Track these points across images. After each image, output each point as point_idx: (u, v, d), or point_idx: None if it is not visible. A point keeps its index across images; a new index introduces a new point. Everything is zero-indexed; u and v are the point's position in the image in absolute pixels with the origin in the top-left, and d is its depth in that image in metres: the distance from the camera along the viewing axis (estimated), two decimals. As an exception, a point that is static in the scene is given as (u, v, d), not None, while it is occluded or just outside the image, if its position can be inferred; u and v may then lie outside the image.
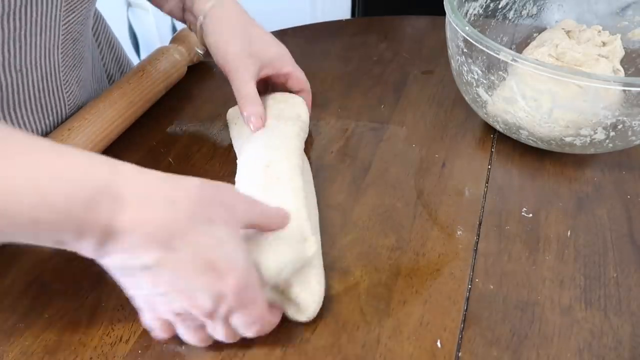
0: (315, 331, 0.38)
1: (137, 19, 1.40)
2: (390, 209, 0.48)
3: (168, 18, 1.36)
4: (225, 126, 0.58)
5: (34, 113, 0.50)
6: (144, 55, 1.43)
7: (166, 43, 0.67)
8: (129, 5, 1.37)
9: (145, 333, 0.38)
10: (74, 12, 0.49)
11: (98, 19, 0.65)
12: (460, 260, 0.43)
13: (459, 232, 0.46)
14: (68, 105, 0.53)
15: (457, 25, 0.50)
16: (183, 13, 0.57)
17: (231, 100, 0.63)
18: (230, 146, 0.55)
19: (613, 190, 0.50)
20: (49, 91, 0.50)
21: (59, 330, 0.39)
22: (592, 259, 0.44)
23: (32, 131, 0.50)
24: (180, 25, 0.65)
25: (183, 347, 0.37)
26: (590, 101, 0.46)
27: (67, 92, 0.53)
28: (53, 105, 0.51)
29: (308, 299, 0.37)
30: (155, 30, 1.40)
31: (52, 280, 0.42)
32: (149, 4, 0.61)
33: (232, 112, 0.57)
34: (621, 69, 0.56)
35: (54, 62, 0.49)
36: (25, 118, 0.49)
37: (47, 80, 0.49)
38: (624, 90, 0.45)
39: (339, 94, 0.63)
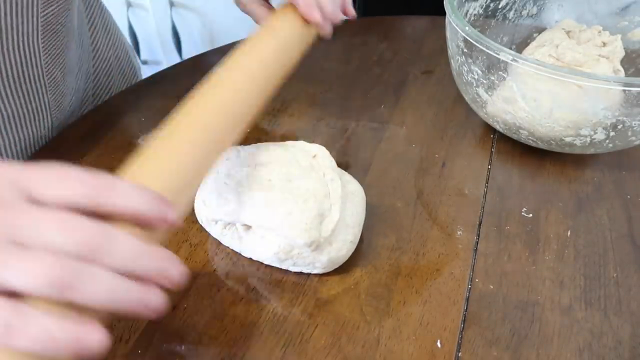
0: (315, 331, 0.38)
1: (137, 19, 1.40)
2: (390, 209, 0.48)
3: (168, 18, 1.37)
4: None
5: (15, 99, 0.52)
6: (144, 55, 1.43)
7: (166, 43, 0.67)
8: (129, 5, 1.37)
9: (145, 333, 0.38)
10: (52, 5, 0.51)
11: (92, 3, 0.66)
12: (460, 260, 0.43)
13: (459, 232, 0.46)
14: (49, 91, 0.55)
15: (457, 25, 0.50)
16: None
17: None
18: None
19: (613, 190, 0.50)
20: (29, 77, 0.52)
21: (59, 330, 0.39)
22: (592, 259, 0.44)
23: (14, 115, 0.53)
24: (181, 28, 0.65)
25: (183, 347, 0.37)
26: (590, 101, 0.46)
27: (49, 78, 0.55)
28: (35, 91, 0.53)
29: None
30: (155, 30, 1.40)
31: (52, 280, 0.42)
32: (149, 4, 0.61)
33: None
34: (621, 69, 0.56)
35: (34, 50, 0.51)
36: (6, 103, 0.51)
37: (27, 67, 0.51)
38: (624, 91, 0.45)
39: (339, 94, 0.63)
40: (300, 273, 0.42)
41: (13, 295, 0.23)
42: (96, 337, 0.24)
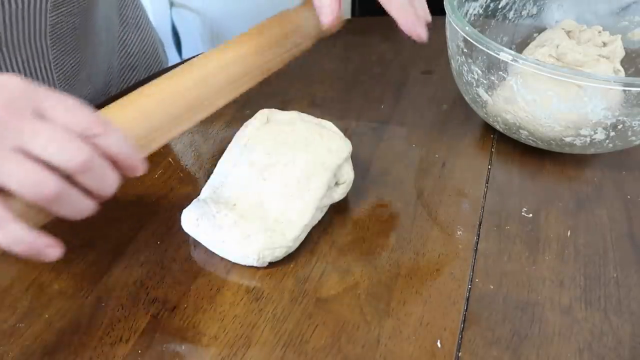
0: (315, 331, 0.38)
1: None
2: (390, 209, 0.48)
3: (168, 18, 1.36)
4: (226, 126, 0.58)
5: None
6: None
7: (166, 43, 0.67)
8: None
9: (145, 333, 0.38)
10: (63, 6, 0.52)
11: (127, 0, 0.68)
12: (460, 260, 0.43)
13: (459, 232, 0.46)
14: (58, 84, 0.57)
15: (457, 25, 0.50)
16: None
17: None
18: (230, 146, 0.55)
19: (613, 190, 0.50)
20: (37, 70, 0.54)
21: (59, 330, 0.39)
22: (592, 259, 0.44)
23: None
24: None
25: (183, 347, 0.37)
26: (590, 101, 0.46)
27: (59, 72, 0.57)
28: (42, 82, 0.55)
29: None
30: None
31: (52, 280, 0.42)
32: (149, 4, 0.62)
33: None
34: (621, 69, 0.56)
35: (41, 46, 0.53)
36: None
37: (35, 60, 0.53)
38: (624, 91, 0.45)
39: (339, 94, 0.63)
40: (300, 272, 0.42)
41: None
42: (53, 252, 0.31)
